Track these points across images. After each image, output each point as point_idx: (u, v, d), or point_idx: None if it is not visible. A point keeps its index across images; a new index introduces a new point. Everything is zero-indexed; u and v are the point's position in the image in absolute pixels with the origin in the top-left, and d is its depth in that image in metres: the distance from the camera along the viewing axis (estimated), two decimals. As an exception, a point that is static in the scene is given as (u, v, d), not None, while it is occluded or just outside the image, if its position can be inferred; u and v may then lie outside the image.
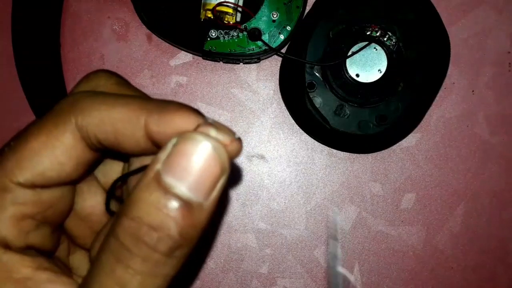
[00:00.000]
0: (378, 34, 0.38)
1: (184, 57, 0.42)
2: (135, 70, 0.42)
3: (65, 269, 0.22)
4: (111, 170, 0.25)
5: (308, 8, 0.40)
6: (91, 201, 0.24)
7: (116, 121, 0.20)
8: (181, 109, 0.19)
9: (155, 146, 0.20)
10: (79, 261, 0.24)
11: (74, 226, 0.24)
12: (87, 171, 0.22)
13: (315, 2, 0.40)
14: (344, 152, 0.42)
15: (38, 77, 0.41)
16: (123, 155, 0.23)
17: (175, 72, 0.42)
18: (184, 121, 0.19)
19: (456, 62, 0.42)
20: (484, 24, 0.42)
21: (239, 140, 0.19)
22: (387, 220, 0.42)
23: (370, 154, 0.42)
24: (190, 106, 0.20)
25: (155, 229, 0.18)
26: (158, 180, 0.18)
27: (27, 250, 0.21)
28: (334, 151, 0.42)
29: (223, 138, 0.19)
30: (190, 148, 0.18)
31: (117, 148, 0.20)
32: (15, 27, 0.40)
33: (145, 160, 0.22)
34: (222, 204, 0.42)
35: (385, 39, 0.38)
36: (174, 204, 0.18)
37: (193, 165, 0.18)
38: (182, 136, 0.18)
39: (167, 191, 0.18)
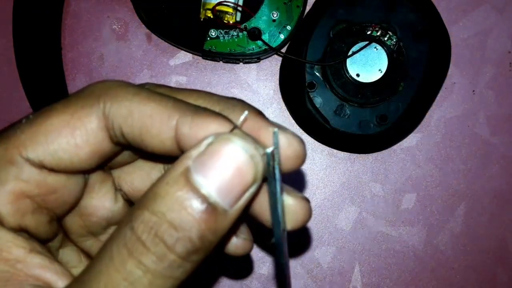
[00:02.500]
0: (378, 33, 0.38)
1: (184, 57, 0.42)
2: (134, 70, 0.42)
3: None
4: (134, 176, 0.24)
5: (308, 8, 0.40)
6: (98, 201, 0.23)
7: (146, 117, 0.19)
8: (218, 115, 0.18)
9: (180, 149, 0.19)
10: (69, 256, 0.23)
11: (71, 220, 0.23)
12: (101, 164, 0.21)
13: (315, 2, 0.40)
14: (345, 152, 0.42)
15: (39, 77, 0.41)
16: (150, 156, 0.22)
17: (174, 72, 0.42)
18: (219, 128, 0.18)
19: (457, 62, 0.42)
20: (484, 24, 0.42)
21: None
22: (387, 221, 0.42)
23: (371, 154, 0.42)
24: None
25: (176, 228, 0.17)
26: (187, 177, 0.17)
27: (20, 232, 0.19)
28: (335, 151, 0.42)
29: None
30: (228, 150, 0.17)
31: (139, 145, 0.19)
32: (16, 27, 0.39)
33: None
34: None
35: (385, 38, 0.38)
36: (199, 205, 0.17)
37: (227, 168, 0.17)
38: (221, 136, 0.17)
39: (196, 190, 0.17)
